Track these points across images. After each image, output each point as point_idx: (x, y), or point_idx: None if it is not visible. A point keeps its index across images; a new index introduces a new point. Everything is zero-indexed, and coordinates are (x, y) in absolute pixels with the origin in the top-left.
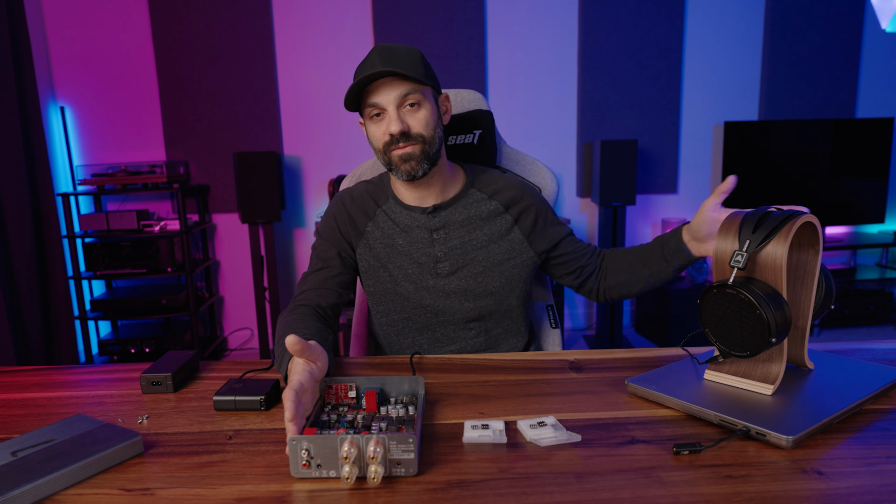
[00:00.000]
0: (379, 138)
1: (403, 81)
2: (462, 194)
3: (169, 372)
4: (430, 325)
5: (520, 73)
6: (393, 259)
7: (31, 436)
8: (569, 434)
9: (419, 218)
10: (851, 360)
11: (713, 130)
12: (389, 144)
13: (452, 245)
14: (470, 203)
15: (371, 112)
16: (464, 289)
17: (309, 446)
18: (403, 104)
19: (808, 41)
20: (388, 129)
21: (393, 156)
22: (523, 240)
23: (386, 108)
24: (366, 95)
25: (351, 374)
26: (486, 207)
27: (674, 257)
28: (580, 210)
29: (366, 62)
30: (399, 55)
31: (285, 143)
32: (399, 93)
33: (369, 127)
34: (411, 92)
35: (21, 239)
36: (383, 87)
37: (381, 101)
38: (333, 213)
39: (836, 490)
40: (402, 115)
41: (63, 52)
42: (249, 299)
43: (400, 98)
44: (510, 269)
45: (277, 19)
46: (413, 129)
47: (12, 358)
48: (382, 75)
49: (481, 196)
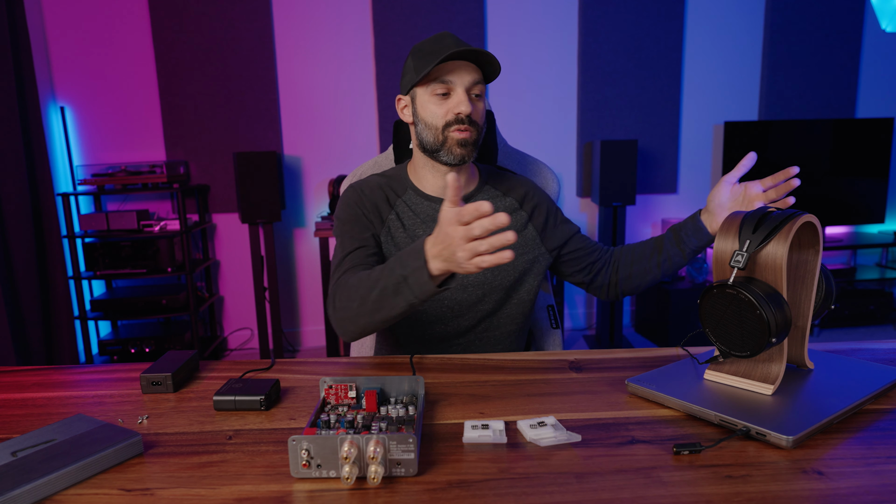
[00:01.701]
0: (441, 116)
1: (476, 70)
2: (479, 189)
3: (169, 372)
4: (444, 318)
5: (520, 72)
6: None
7: (31, 436)
8: (569, 434)
9: (440, 209)
10: (851, 360)
11: (713, 130)
12: (451, 123)
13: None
14: (486, 199)
15: (438, 89)
16: (481, 282)
17: (309, 446)
18: (472, 91)
19: (808, 41)
20: (457, 108)
21: (451, 136)
22: (536, 236)
23: (456, 89)
24: (436, 71)
25: (351, 375)
26: (503, 203)
27: (691, 237)
28: (580, 210)
29: (439, 42)
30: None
31: (285, 143)
32: (473, 79)
33: (429, 104)
34: (480, 82)
35: (21, 239)
36: (459, 69)
37: (456, 80)
38: (354, 202)
39: (836, 490)
40: (470, 99)
41: (63, 52)
42: (249, 299)
43: (472, 83)
44: (524, 264)
45: (277, 19)
46: (476, 115)
47: (12, 358)
48: (466, 56)
49: (496, 192)
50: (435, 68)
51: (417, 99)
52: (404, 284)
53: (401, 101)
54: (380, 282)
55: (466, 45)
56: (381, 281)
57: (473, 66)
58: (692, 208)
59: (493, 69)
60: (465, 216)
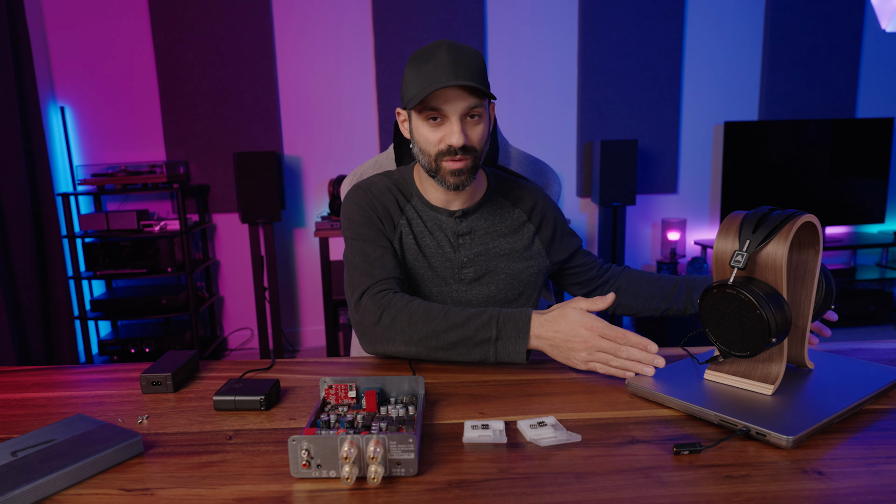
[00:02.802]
0: (433, 144)
1: (471, 94)
2: (487, 199)
3: (169, 372)
4: None
5: (520, 73)
6: (419, 259)
7: (31, 436)
8: (569, 434)
9: (445, 221)
10: (851, 360)
11: (713, 130)
12: (444, 154)
13: (477, 251)
14: (494, 210)
15: (430, 115)
16: (486, 296)
17: (309, 446)
18: (466, 116)
19: (808, 41)
20: (449, 139)
21: (444, 166)
22: (542, 249)
23: (449, 117)
24: (428, 98)
25: (351, 375)
26: (511, 216)
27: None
28: (580, 210)
29: (434, 60)
30: (468, 59)
31: (285, 143)
32: (467, 105)
33: (422, 128)
34: (477, 105)
35: (21, 239)
36: (452, 97)
37: (448, 109)
38: (367, 204)
39: (836, 490)
40: (464, 127)
41: (63, 52)
42: (249, 299)
43: (467, 109)
44: (528, 277)
45: (277, 19)
46: (471, 142)
47: (12, 358)
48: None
49: (505, 202)
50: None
51: (413, 120)
52: (491, 344)
53: (400, 114)
54: (462, 328)
55: (464, 58)
56: (465, 329)
57: (468, 90)
58: (692, 208)
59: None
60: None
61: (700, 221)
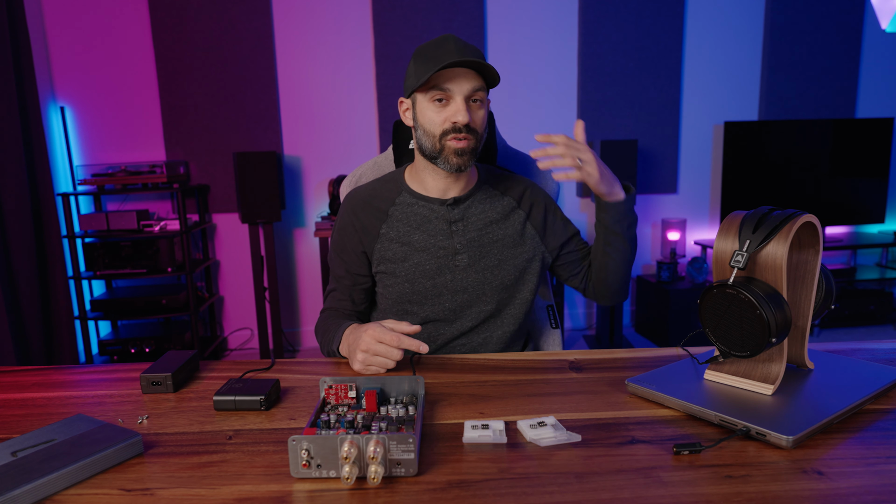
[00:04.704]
0: (438, 124)
1: (476, 77)
2: (477, 189)
3: (169, 372)
4: (447, 319)
5: (520, 73)
6: (410, 257)
7: (31, 436)
8: (569, 434)
9: (438, 209)
10: (851, 360)
11: (713, 130)
12: (449, 132)
13: (471, 237)
14: (485, 198)
15: (436, 96)
16: (481, 282)
17: (309, 446)
18: (471, 98)
19: (808, 41)
20: (454, 117)
21: (448, 144)
22: (535, 235)
23: (454, 97)
24: (435, 78)
25: (351, 374)
26: (501, 203)
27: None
28: (580, 210)
29: (440, 47)
30: (473, 48)
31: (285, 143)
32: (473, 86)
33: (427, 110)
34: (481, 89)
35: (21, 239)
36: (459, 77)
37: (455, 88)
38: (344, 225)
39: (836, 490)
40: (468, 108)
41: (63, 52)
42: (249, 299)
43: (472, 91)
44: (523, 262)
45: (277, 19)
46: (474, 124)
47: (12, 358)
48: (466, 65)
49: (494, 192)
50: (434, 75)
51: (417, 104)
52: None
53: (402, 103)
54: (325, 335)
55: (469, 48)
56: (325, 336)
57: (474, 73)
58: (692, 208)
59: (494, 76)
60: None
61: (700, 221)
